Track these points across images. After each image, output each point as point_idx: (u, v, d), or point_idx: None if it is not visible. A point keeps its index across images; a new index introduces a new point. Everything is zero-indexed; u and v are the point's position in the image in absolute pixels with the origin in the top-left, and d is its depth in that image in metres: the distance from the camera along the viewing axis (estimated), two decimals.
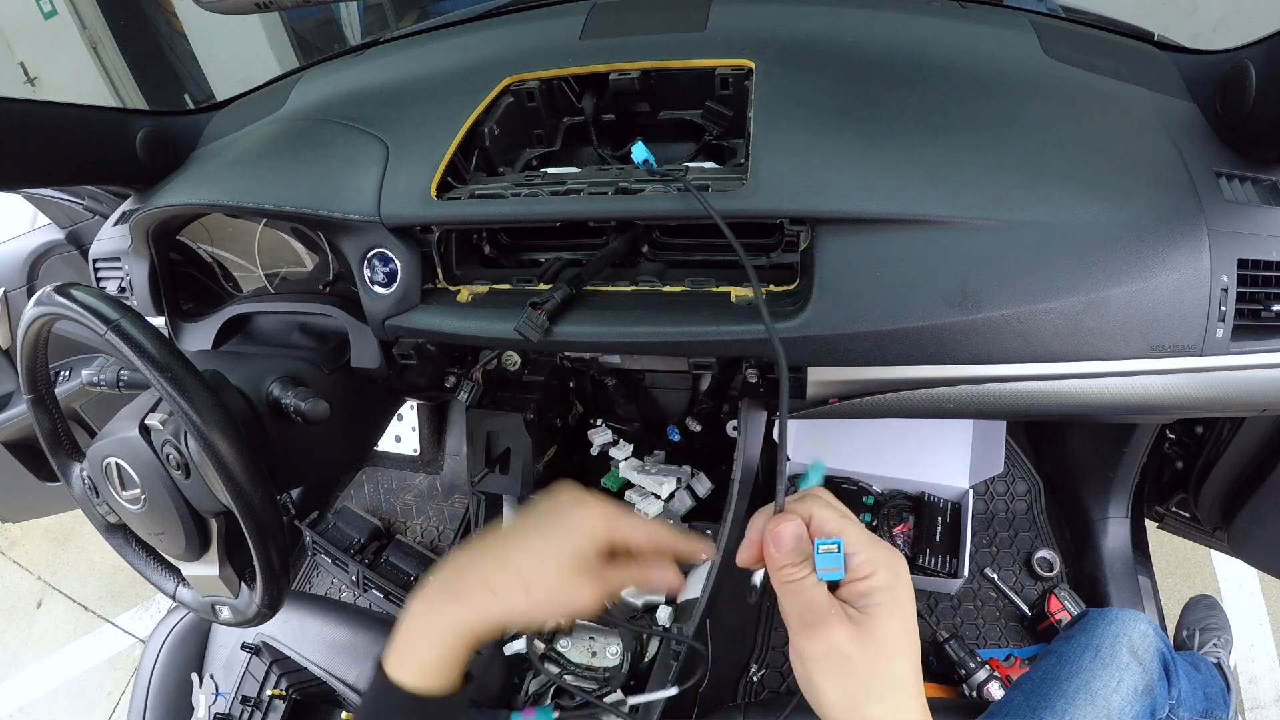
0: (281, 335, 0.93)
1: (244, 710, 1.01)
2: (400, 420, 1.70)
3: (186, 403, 0.59)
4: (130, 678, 1.89)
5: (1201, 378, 0.62)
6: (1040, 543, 1.36)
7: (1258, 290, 0.59)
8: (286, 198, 0.77)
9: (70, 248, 1.36)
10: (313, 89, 0.97)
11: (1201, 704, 0.89)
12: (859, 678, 0.38)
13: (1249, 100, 0.60)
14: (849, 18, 0.78)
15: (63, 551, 2.27)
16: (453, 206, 0.70)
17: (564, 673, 1.01)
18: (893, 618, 0.39)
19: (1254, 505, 0.99)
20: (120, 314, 0.61)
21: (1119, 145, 0.64)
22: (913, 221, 0.60)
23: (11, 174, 0.86)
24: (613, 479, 1.24)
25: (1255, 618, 1.58)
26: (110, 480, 0.71)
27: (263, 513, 0.64)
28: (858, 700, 0.38)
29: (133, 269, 0.97)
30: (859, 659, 0.38)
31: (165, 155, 0.97)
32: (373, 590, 1.49)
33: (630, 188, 0.66)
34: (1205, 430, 1.05)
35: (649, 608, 1.09)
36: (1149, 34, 0.81)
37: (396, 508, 1.71)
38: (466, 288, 0.76)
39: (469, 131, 0.75)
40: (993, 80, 0.70)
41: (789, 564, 0.41)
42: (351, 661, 1.00)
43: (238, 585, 0.73)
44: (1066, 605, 1.23)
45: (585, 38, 0.83)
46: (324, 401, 0.73)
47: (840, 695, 0.38)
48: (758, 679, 1.25)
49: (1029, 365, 0.62)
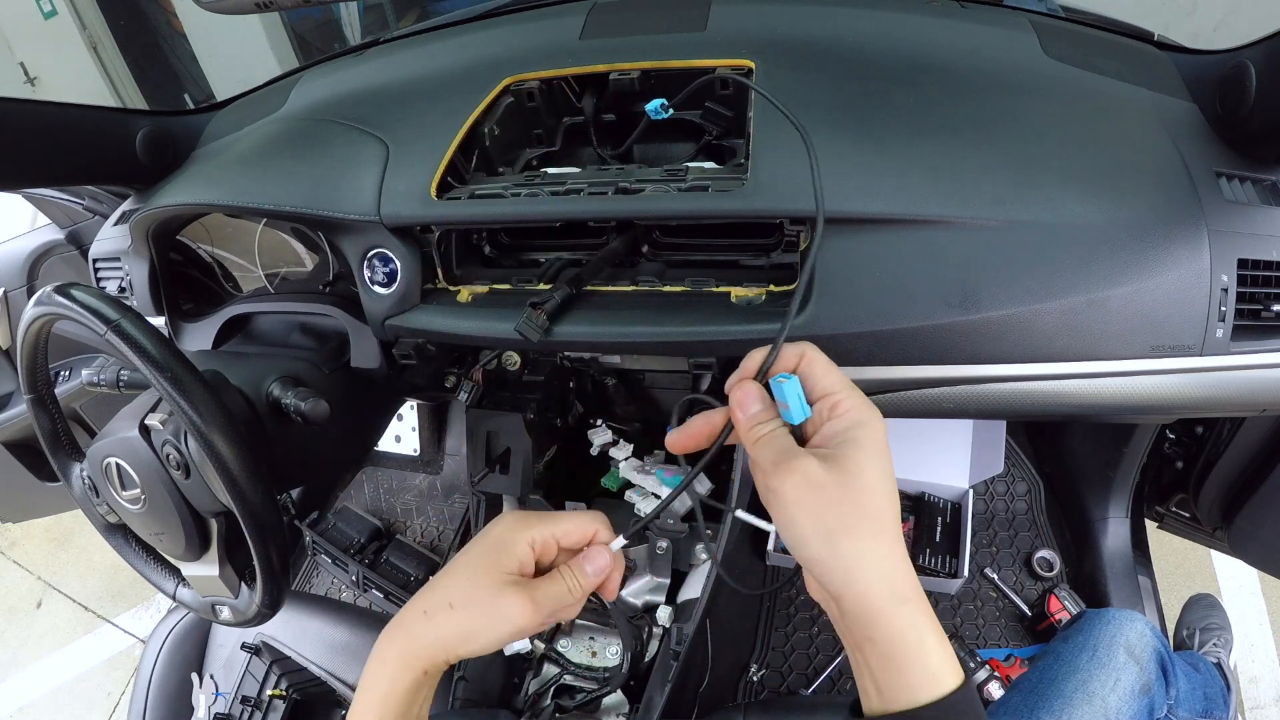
0: (281, 335, 0.93)
1: (244, 710, 1.01)
2: (400, 420, 1.70)
3: (186, 403, 0.59)
4: (130, 678, 1.89)
5: (1201, 378, 0.62)
6: (1040, 543, 1.36)
7: (1258, 290, 0.59)
8: (286, 198, 0.77)
9: (70, 248, 1.36)
10: (313, 89, 0.97)
11: (1201, 704, 0.89)
12: (834, 508, 0.38)
13: (1249, 100, 0.60)
14: (849, 17, 0.78)
15: (63, 551, 2.27)
16: (453, 206, 0.70)
17: (564, 672, 1.01)
18: (865, 453, 0.39)
19: (1254, 505, 0.99)
20: (120, 314, 0.61)
21: (1119, 145, 0.64)
22: (913, 221, 0.60)
23: (11, 174, 0.86)
24: (613, 479, 1.24)
25: (1255, 618, 1.58)
26: (110, 480, 0.71)
27: (263, 513, 0.64)
28: (834, 531, 0.38)
29: (133, 269, 0.97)
30: (831, 489, 0.38)
31: (165, 155, 0.97)
32: (373, 590, 1.49)
33: (630, 188, 0.66)
34: (1205, 430, 1.05)
35: (649, 608, 1.09)
36: (1149, 34, 0.81)
37: (396, 508, 1.71)
38: (466, 288, 0.76)
39: (469, 131, 0.75)
40: (993, 80, 0.70)
41: (757, 422, 0.41)
42: (351, 661, 1.00)
43: (238, 585, 0.73)
44: (1066, 605, 1.23)
45: (585, 38, 0.83)
46: (324, 401, 0.73)
47: (815, 525, 0.38)
48: (758, 679, 1.25)
49: (1029, 365, 0.62)
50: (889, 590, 0.38)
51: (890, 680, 0.38)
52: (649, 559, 1.12)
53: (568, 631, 1.07)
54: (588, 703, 0.96)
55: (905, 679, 0.37)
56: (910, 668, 0.37)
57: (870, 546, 0.38)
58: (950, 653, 0.38)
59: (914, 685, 0.37)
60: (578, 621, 1.08)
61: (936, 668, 0.37)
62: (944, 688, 0.37)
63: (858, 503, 0.38)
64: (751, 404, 0.42)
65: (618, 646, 1.01)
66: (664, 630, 1.00)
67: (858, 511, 0.38)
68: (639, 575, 1.12)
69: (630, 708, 0.94)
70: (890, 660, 0.38)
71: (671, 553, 1.11)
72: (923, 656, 0.38)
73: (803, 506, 0.38)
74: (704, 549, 1.11)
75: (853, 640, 0.39)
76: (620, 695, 0.96)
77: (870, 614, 0.38)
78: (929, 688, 0.37)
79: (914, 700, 0.37)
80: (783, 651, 1.30)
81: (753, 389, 0.42)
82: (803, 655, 1.29)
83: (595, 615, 1.06)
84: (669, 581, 1.10)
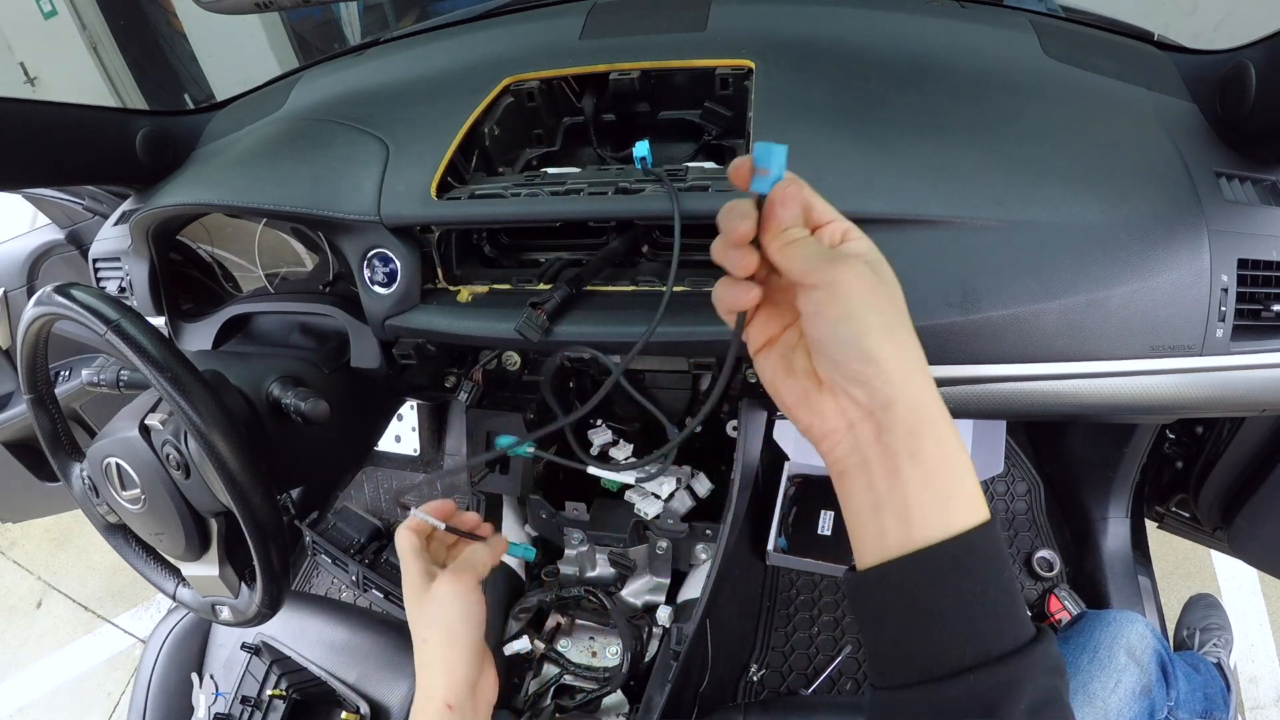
0: (281, 335, 0.93)
1: (244, 710, 1.01)
2: (400, 420, 1.70)
3: (186, 403, 0.59)
4: (130, 678, 1.89)
5: (1201, 378, 0.62)
6: (1040, 543, 1.36)
7: (1258, 290, 0.59)
8: (286, 198, 0.77)
9: (70, 248, 1.36)
10: (313, 89, 0.97)
11: (1201, 704, 0.89)
12: (891, 302, 0.36)
13: (1249, 100, 0.60)
14: (849, 18, 0.78)
15: (63, 551, 2.27)
16: (453, 206, 0.70)
17: (564, 672, 1.01)
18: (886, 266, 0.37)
19: (1254, 505, 0.99)
20: (120, 314, 0.61)
21: (1119, 145, 0.64)
22: (913, 221, 0.60)
23: (11, 174, 0.86)
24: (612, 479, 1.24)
25: (1255, 618, 1.58)
26: (110, 480, 0.71)
27: (262, 513, 0.64)
28: (893, 325, 0.35)
29: (133, 269, 0.97)
30: (885, 285, 0.36)
31: (165, 155, 0.97)
32: (373, 590, 1.49)
33: (630, 188, 0.66)
34: (1205, 430, 1.05)
35: (649, 608, 1.09)
36: (1149, 34, 0.81)
37: (396, 508, 1.71)
38: (466, 288, 0.76)
39: (469, 131, 0.75)
40: (993, 80, 0.70)
41: (789, 225, 0.38)
42: (351, 661, 1.00)
43: (238, 585, 0.73)
44: (1066, 605, 1.23)
45: (585, 38, 0.83)
46: (324, 401, 0.73)
47: (877, 314, 0.35)
48: (758, 679, 1.25)
49: (1029, 365, 0.62)
50: (939, 398, 0.35)
51: (927, 505, 0.34)
52: (649, 559, 1.12)
53: (568, 632, 1.07)
54: (588, 703, 0.96)
55: (948, 501, 0.34)
56: (954, 489, 0.34)
57: (919, 349, 0.36)
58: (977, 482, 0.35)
59: (953, 511, 0.34)
60: (578, 621, 1.08)
61: (974, 494, 0.34)
62: (980, 517, 0.34)
63: (902, 308, 0.36)
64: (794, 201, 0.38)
65: (618, 646, 1.01)
66: (664, 630, 1.00)
67: (905, 315, 0.36)
68: (639, 575, 1.12)
69: (630, 708, 0.94)
70: (935, 477, 0.34)
71: (671, 553, 1.11)
72: (965, 479, 0.34)
73: (864, 297, 0.35)
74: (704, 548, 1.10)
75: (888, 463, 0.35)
76: (620, 695, 0.96)
77: (923, 422, 0.34)
78: (968, 515, 0.34)
79: (950, 528, 0.33)
80: (783, 651, 1.30)
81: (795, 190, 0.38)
82: (803, 655, 1.29)
83: (595, 615, 1.06)
84: (669, 581, 1.10)
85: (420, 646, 0.55)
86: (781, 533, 1.34)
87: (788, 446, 1.38)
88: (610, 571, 1.12)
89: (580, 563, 1.13)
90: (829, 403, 0.37)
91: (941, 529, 0.33)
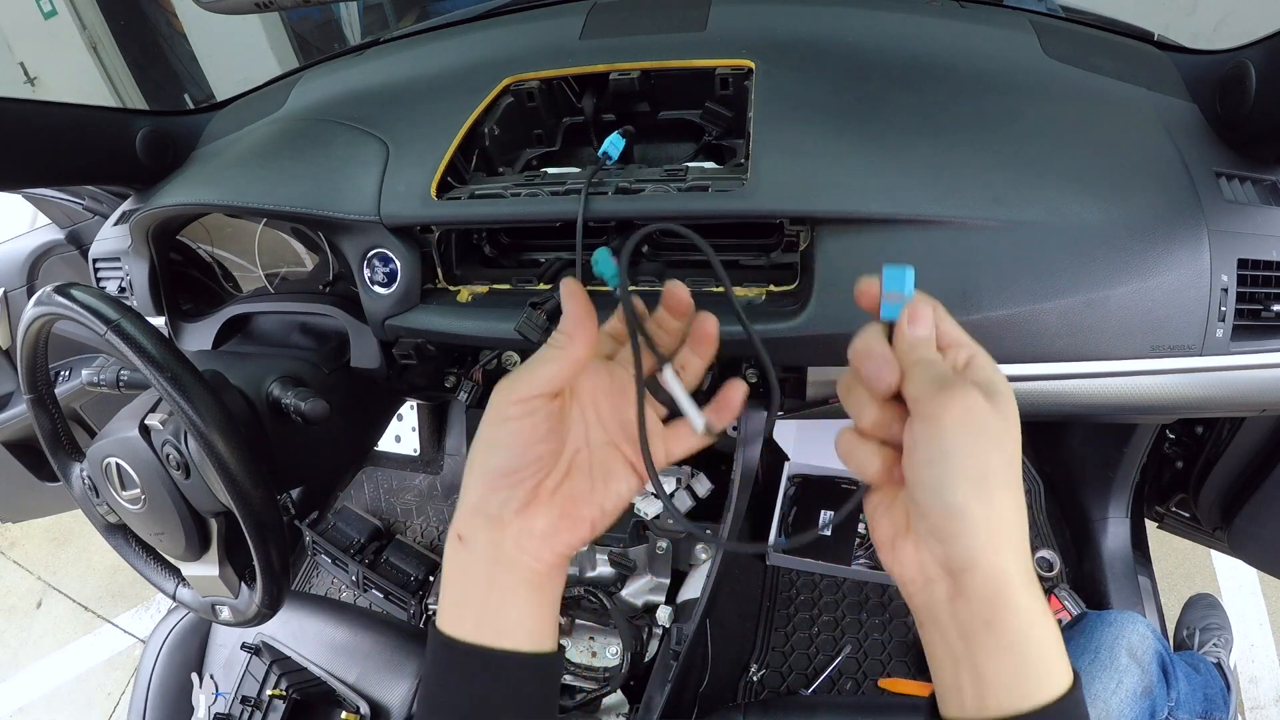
0: (281, 335, 0.93)
1: (244, 710, 1.01)
2: (400, 420, 1.70)
3: (186, 403, 0.59)
4: (130, 678, 1.89)
5: (1201, 378, 0.62)
6: (1040, 543, 1.36)
7: (1258, 290, 0.59)
8: (286, 198, 0.77)
9: (70, 248, 1.36)
10: (313, 89, 0.97)
11: (1201, 705, 0.89)
12: (996, 451, 0.33)
13: (1249, 100, 0.60)
14: (849, 18, 0.77)
15: (63, 551, 2.27)
16: (453, 207, 0.70)
17: (564, 672, 1.01)
18: (1010, 402, 0.35)
19: (1254, 505, 0.99)
20: (120, 314, 0.61)
21: (1119, 145, 0.64)
22: (913, 222, 0.60)
23: (11, 174, 0.86)
24: None
25: (1255, 618, 1.58)
26: (110, 480, 0.71)
27: (263, 513, 0.64)
28: (988, 479, 0.33)
29: (133, 269, 0.97)
30: (995, 429, 0.33)
31: (165, 155, 0.97)
32: (373, 590, 1.49)
33: (630, 188, 0.66)
34: (1205, 430, 1.05)
35: (649, 608, 1.09)
36: (1149, 34, 0.81)
37: (396, 508, 1.71)
38: (466, 288, 0.76)
39: (469, 131, 0.75)
40: (993, 80, 0.70)
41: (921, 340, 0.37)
42: (351, 661, 1.00)
43: (238, 585, 0.73)
44: (1066, 605, 1.23)
45: (585, 38, 0.83)
46: (324, 401, 0.73)
47: (971, 466, 0.33)
48: (758, 679, 1.25)
49: (1029, 365, 0.62)
50: (1025, 565, 0.33)
51: (1003, 676, 0.32)
52: (649, 559, 1.12)
53: (568, 632, 1.07)
54: (588, 703, 0.96)
55: (1024, 675, 0.32)
56: (1031, 662, 0.32)
57: (1016, 508, 0.33)
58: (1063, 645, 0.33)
59: (1030, 684, 0.32)
60: (578, 621, 1.08)
61: (1055, 662, 0.33)
62: (1061, 687, 0.32)
63: (1012, 455, 0.34)
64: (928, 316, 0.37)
65: (618, 646, 1.01)
66: (664, 630, 1.00)
67: (1012, 465, 0.34)
68: (639, 575, 1.12)
69: (630, 708, 0.94)
70: (1011, 651, 0.32)
71: (671, 553, 1.11)
72: (1045, 649, 0.33)
73: (962, 441, 0.33)
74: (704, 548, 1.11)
75: (962, 627, 0.33)
76: (620, 695, 0.96)
77: (1003, 593, 0.32)
78: (1047, 687, 0.32)
79: (1027, 702, 0.32)
80: (783, 651, 1.30)
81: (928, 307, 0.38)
82: (803, 655, 1.29)
83: (595, 615, 1.06)
84: (669, 581, 1.10)
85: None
86: (781, 532, 1.34)
87: (788, 446, 1.39)
88: (610, 571, 1.12)
89: (580, 562, 1.14)
90: (910, 551, 0.36)
91: (1017, 702, 0.32)
